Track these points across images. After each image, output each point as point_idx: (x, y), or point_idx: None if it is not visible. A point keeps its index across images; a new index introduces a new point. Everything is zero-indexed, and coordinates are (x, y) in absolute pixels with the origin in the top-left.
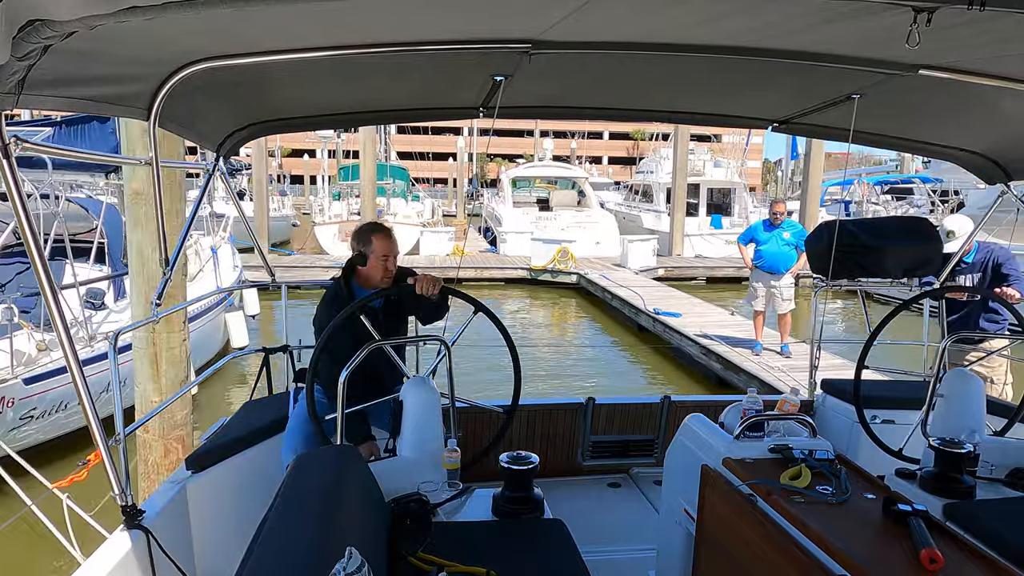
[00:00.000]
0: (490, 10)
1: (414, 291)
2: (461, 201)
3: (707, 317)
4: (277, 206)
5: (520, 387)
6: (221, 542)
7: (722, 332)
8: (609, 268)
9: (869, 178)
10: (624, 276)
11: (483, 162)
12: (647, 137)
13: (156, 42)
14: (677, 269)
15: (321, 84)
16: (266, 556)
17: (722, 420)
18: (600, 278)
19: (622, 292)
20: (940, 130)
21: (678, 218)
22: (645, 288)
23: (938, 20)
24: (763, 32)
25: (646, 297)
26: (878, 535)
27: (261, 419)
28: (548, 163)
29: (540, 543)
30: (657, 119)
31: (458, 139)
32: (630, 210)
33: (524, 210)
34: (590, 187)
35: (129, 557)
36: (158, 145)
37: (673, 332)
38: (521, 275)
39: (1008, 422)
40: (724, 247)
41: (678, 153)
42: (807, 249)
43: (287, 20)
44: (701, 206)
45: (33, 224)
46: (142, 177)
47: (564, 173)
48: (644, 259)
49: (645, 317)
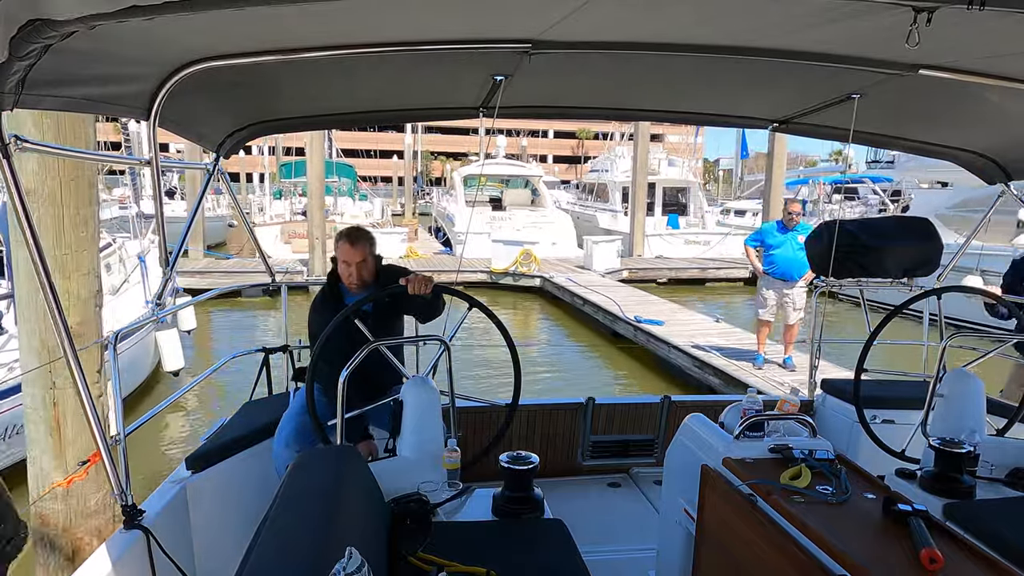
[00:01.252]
0: (490, 10)
1: (407, 291)
2: (409, 200)
3: (691, 325)
4: (212, 205)
5: (520, 385)
6: (221, 542)
7: (713, 341)
8: (573, 270)
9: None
10: (590, 279)
11: (427, 160)
12: (593, 136)
13: (156, 42)
14: (641, 271)
15: (321, 84)
16: (266, 556)
17: (722, 420)
18: (567, 282)
19: (595, 297)
20: (940, 130)
21: (639, 218)
22: (615, 291)
23: (938, 20)
24: (763, 32)
25: (620, 302)
26: (878, 535)
27: (261, 419)
28: (501, 160)
29: (540, 543)
30: (657, 119)
31: (405, 136)
32: (584, 209)
33: (477, 210)
34: (544, 186)
35: (129, 557)
36: (156, 143)
37: (660, 342)
38: (481, 278)
39: (1008, 422)
40: (683, 247)
41: (639, 151)
42: (807, 249)
43: (287, 20)
44: (657, 205)
45: (33, 224)
46: (32, 171)
47: (519, 171)
48: (609, 261)
49: (623, 325)
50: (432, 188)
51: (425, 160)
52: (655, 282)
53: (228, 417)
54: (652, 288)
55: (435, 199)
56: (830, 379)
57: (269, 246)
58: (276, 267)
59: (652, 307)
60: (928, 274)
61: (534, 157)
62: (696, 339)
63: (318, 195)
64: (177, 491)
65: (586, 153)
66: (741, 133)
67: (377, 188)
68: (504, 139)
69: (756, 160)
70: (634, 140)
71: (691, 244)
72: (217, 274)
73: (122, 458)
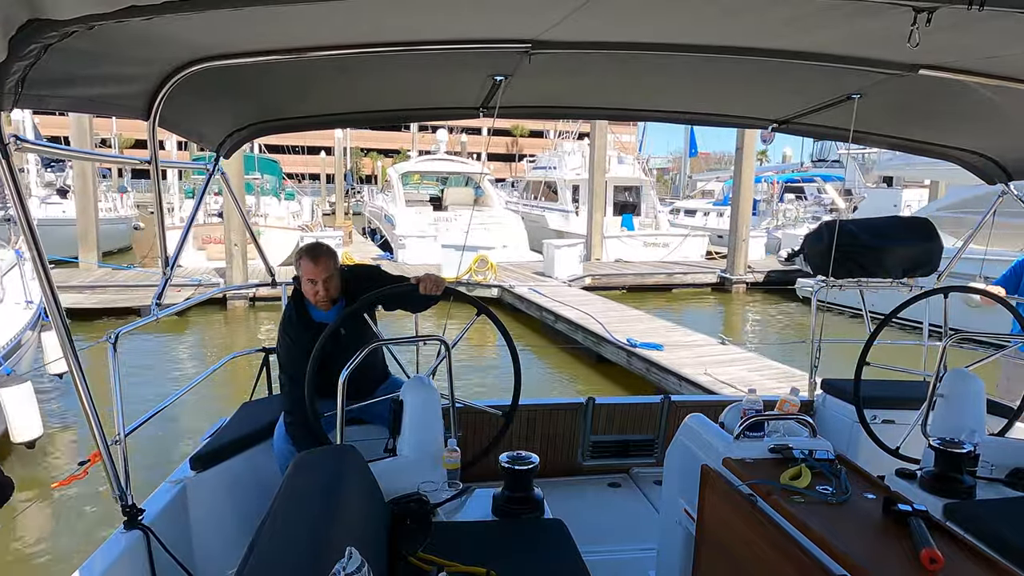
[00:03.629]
0: (490, 10)
1: (417, 290)
2: (340, 200)
3: (695, 349)
4: (112, 206)
5: (520, 388)
6: (221, 542)
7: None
8: (533, 278)
9: (780, 176)
10: (555, 289)
11: (356, 156)
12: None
13: (156, 42)
14: (605, 277)
15: (321, 84)
16: (266, 556)
17: (722, 420)
18: (531, 292)
19: (568, 312)
20: (940, 130)
21: (596, 219)
22: (590, 304)
23: (938, 20)
24: (763, 32)
25: (600, 318)
26: (878, 535)
27: (260, 419)
28: (442, 156)
29: (540, 543)
30: (657, 119)
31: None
32: (531, 209)
33: (418, 209)
34: (490, 184)
35: (129, 557)
36: (156, 143)
37: (666, 373)
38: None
39: (1008, 422)
40: (643, 250)
41: (596, 149)
42: (807, 249)
43: (287, 20)
44: (608, 205)
45: (33, 224)
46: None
47: (462, 168)
48: (571, 267)
49: (612, 348)
50: (363, 186)
51: (355, 157)
52: (619, 289)
53: (228, 417)
54: (616, 296)
55: (367, 198)
56: (830, 379)
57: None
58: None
59: (640, 325)
60: (928, 274)
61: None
62: (714, 371)
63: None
64: (177, 491)
65: (520, 151)
66: (690, 130)
67: (304, 186)
68: (444, 134)
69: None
70: (591, 137)
71: (651, 247)
72: (112, 289)
73: (122, 458)
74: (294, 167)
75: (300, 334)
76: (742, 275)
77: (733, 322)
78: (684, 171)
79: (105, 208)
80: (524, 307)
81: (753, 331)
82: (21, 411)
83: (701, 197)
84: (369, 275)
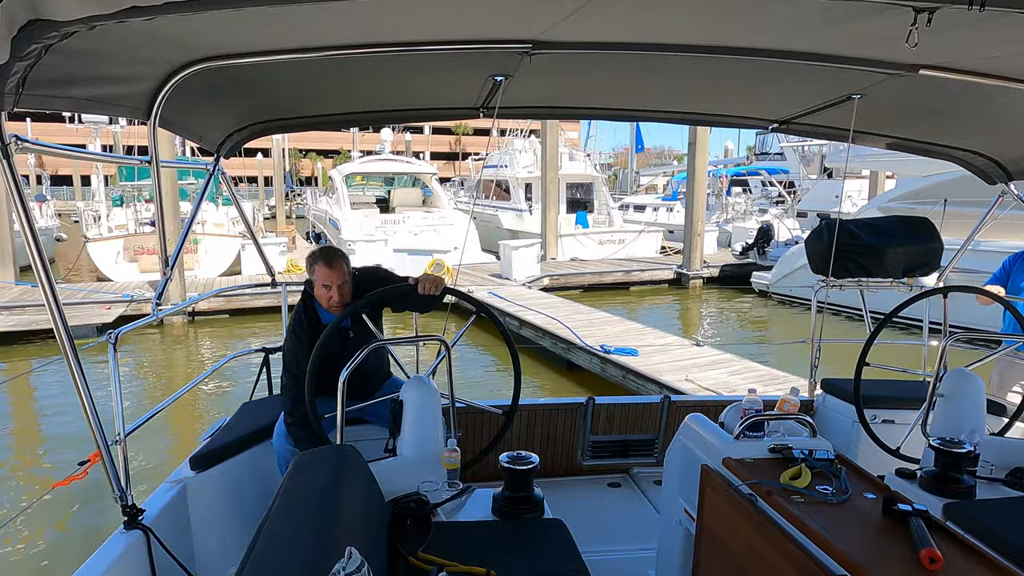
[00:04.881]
0: (490, 10)
1: (416, 290)
2: (280, 203)
3: (671, 352)
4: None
5: (520, 387)
6: (221, 542)
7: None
8: (490, 281)
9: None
10: (515, 291)
11: (295, 158)
12: (471, 132)
13: (156, 42)
14: (563, 277)
15: (321, 84)
16: (266, 556)
17: (722, 420)
18: (491, 297)
19: (533, 318)
20: (940, 130)
21: (550, 217)
22: (554, 308)
23: (938, 20)
24: (763, 32)
25: (566, 321)
26: (878, 535)
27: (260, 419)
28: (387, 156)
29: (540, 543)
30: (657, 119)
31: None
32: (483, 209)
33: (364, 212)
34: (438, 184)
35: (129, 557)
36: (156, 143)
37: (644, 380)
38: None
39: (1008, 422)
40: (598, 248)
41: (548, 145)
42: (807, 249)
43: (287, 20)
44: (561, 202)
45: (33, 223)
46: None
47: (409, 168)
48: (529, 268)
49: (583, 355)
50: (304, 188)
51: (293, 158)
52: (578, 288)
53: (228, 417)
54: (575, 296)
55: (309, 200)
56: (830, 379)
57: (110, 266)
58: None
59: (609, 328)
60: (928, 274)
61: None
62: (695, 376)
63: (170, 200)
64: (177, 491)
65: (464, 149)
66: (635, 126)
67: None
68: (389, 133)
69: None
70: (543, 134)
71: (606, 244)
72: (32, 309)
73: (122, 458)
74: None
75: (310, 337)
76: (699, 270)
77: (692, 318)
78: (632, 167)
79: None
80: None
81: (714, 327)
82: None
83: (646, 193)
84: (377, 276)
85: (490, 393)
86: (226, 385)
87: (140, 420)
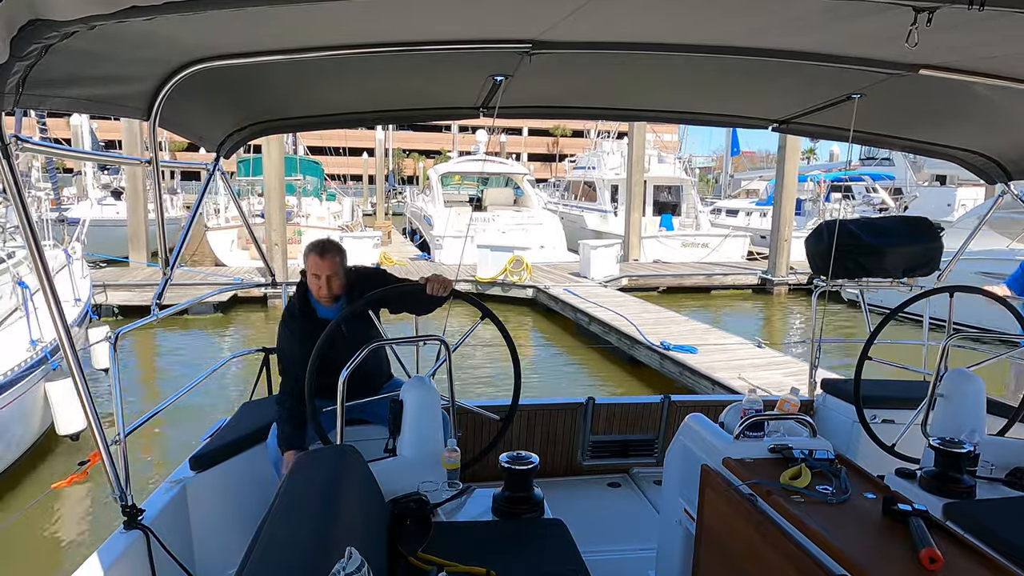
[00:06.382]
0: (490, 10)
1: (424, 290)
2: (381, 200)
3: (730, 352)
4: (167, 206)
5: (520, 388)
6: (221, 542)
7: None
8: (568, 279)
9: (827, 175)
10: (590, 289)
11: (399, 158)
12: (570, 133)
13: (156, 42)
14: (642, 278)
15: (321, 84)
16: (266, 556)
17: (722, 420)
18: (565, 293)
19: (602, 314)
20: (940, 130)
21: (634, 219)
22: (625, 306)
23: (938, 20)
24: (763, 32)
25: (634, 320)
26: (878, 535)
27: (260, 419)
28: (481, 157)
29: (540, 543)
30: (657, 119)
31: (376, 131)
32: (570, 210)
33: (457, 210)
34: (529, 184)
35: (129, 557)
36: (156, 143)
37: (699, 377)
38: (465, 288)
39: (1008, 422)
40: (681, 251)
41: (635, 147)
42: (807, 249)
43: (287, 20)
44: (648, 204)
45: (33, 223)
46: None
47: (501, 168)
48: (608, 267)
49: (645, 351)
50: (404, 187)
51: (397, 158)
52: (656, 290)
53: (228, 417)
54: (653, 297)
55: (408, 198)
56: (830, 379)
57: (225, 253)
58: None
59: (675, 327)
60: (928, 274)
61: (510, 155)
62: (748, 375)
63: (277, 195)
64: (177, 491)
65: (561, 151)
66: (732, 129)
67: (346, 187)
68: (484, 135)
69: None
70: (629, 136)
71: (689, 247)
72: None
73: (122, 458)
74: (337, 168)
75: (301, 326)
76: (784, 277)
77: (773, 325)
78: (726, 170)
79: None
80: (559, 308)
81: (795, 335)
82: (66, 405)
83: (745, 196)
84: (374, 277)
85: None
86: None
87: (140, 420)
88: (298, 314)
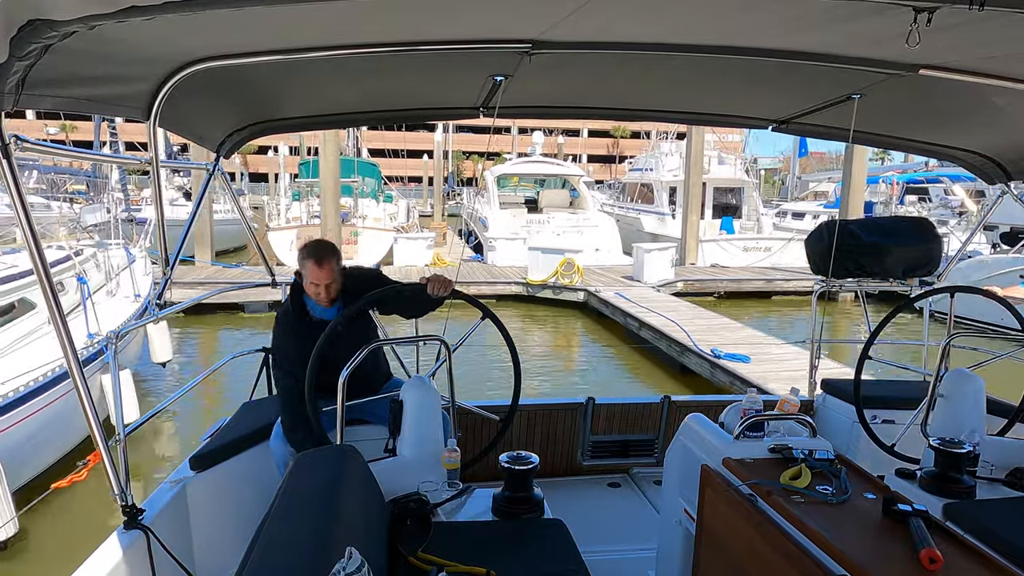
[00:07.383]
0: (490, 10)
1: (425, 290)
2: (438, 201)
3: (784, 362)
4: (230, 207)
5: (519, 389)
6: (221, 542)
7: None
8: (620, 282)
9: (900, 176)
10: (642, 293)
11: (459, 159)
12: (630, 135)
13: (156, 42)
14: (698, 283)
15: (321, 84)
16: (266, 556)
17: (722, 420)
18: (616, 297)
19: (653, 319)
20: (940, 130)
21: (692, 222)
22: (676, 311)
23: (938, 20)
24: (763, 32)
25: (686, 326)
26: (878, 535)
27: (260, 419)
28: (537, 158)
29: (540, 543)
30: (657, 119)
31: (435, 134)
32: (626, 212)
33: (512, 212)
34: (585, 186)
35: (129, 557)
36: (156, 143)
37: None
38: (516, 291)
39: (1008, 422)
40: (742, 255)
41: (693, 148)
42: (807, 248)
43: (287, 21)
44: (707, 207)
45: (33, 223)
46: None
47: (557, 170)
48: (662, 271)
49: (696, 358)
50: (463, 188)
51: (456, 160)
52: (712, 295)
53: (228, 417)
54: (709, 303)
55: (465, 200)
56: (830, 379)
57: (284, 252)
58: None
59: (727, 334)
60: (928, 274)
61: (568, 156)
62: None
63: (332, 196)
64: (177, 491)
65: (621, 153)
66: None
67: (407, 189)
68: (540, 136)
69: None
70: (687, 136)
71: (750, 251)
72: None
73: (122, 458)
74: (397, 170)
75: (297, 327)
76: None
77: (837, 334)
78: (793, 171)
79: (224, 210)
80: (609, 312)
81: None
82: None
83: (813, 199)
84: (369, 277)
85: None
86: (226, 385)
87: (140, 420)
88: (294, 316)
